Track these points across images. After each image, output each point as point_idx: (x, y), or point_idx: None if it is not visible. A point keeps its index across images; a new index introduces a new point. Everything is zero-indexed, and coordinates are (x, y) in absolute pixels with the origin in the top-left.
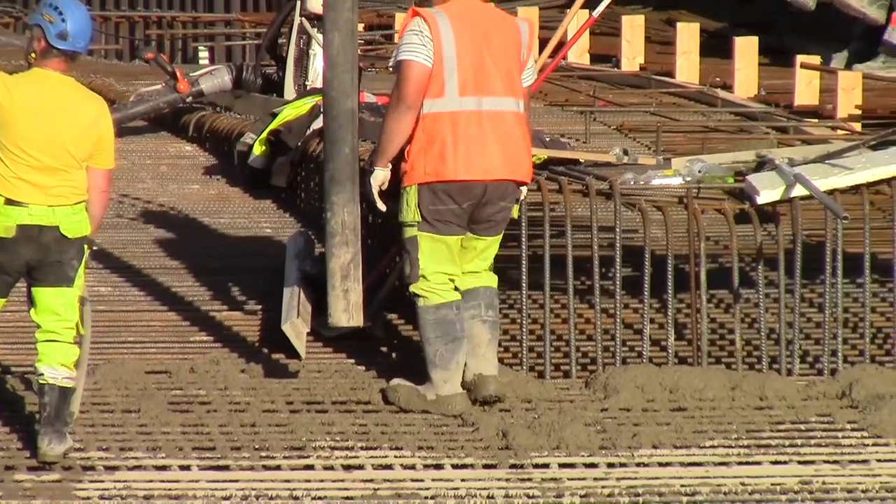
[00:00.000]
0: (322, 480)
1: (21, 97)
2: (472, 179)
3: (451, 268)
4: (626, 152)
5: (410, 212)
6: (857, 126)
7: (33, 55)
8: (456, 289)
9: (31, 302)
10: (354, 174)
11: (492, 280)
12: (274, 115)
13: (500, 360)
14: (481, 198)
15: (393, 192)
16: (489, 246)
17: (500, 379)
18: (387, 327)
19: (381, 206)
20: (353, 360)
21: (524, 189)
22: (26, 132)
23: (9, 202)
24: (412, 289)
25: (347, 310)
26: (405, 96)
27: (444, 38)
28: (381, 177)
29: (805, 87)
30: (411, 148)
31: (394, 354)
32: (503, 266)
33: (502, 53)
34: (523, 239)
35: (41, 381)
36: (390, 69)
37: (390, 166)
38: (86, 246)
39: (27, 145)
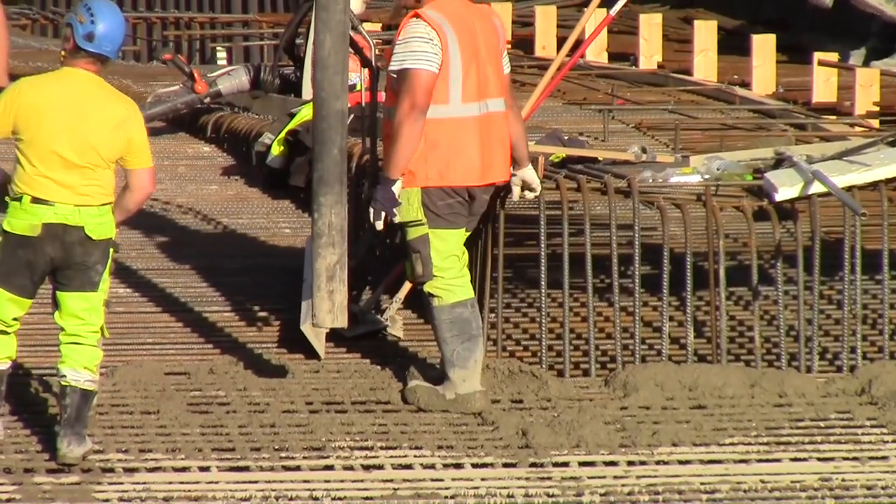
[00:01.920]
0: (342, 480)
1: (48, 94)
2: (477, 185)
3: (460, 263)
4: (644, 150)
5: (413, 211)
6: (875, 123)
7: (63, 54)
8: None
9: (55, 305)
10: (342, 175)
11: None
12: (292, 116)
13: (520, 359)
14: (478, 196)
15: None
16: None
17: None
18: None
19: (381, 226)
20: (371, 360)
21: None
22: (52, 129)
23: (35, 200)
24: (427, 289)
25: (332, 311)
26: (420, 104)
27: (451, 48)
28: (399, 189)
29: (823, 84)
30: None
31: (412, 354)
32: (522, 265)
33: (490, 54)
34: (542, 238)
35: (63, 383)
36: (392, 73)
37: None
38: (111, 249)
39: (53, 143)
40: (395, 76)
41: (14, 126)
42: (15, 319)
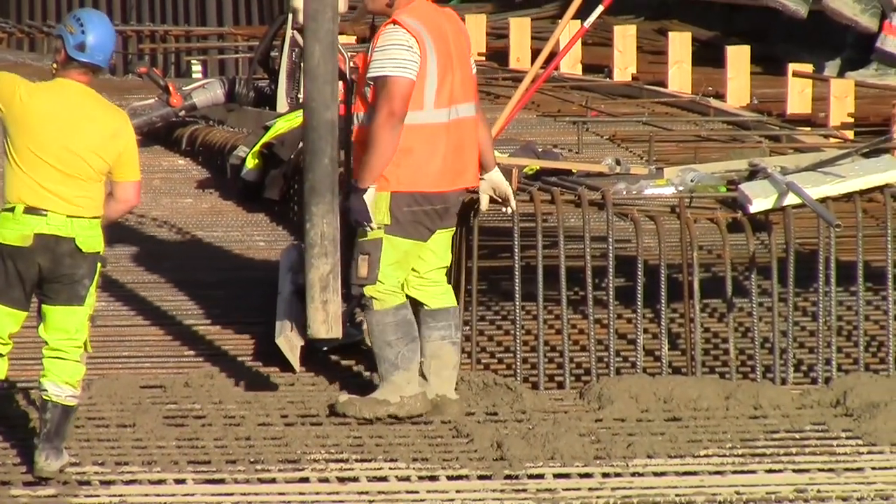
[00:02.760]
0: (317, 493)
1: (41, 104)
2: (448, 190)
3: (403, 273)
4: (618, 162)
5: (381, 215)
6: (850, 134)
7: (54, 66)
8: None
9: (39, 318)
10: (334, 185)
11: (453, 298)
12: (267, 128)
13: (494, 371)
14: (452, 201)
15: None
16: (445, 242)
17: (461, 403)
18: None
19: (375, 226)
20: (346, 373)
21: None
22: (46, 140)
23: (28, 210)
24: (368, 292)
25: (326, 321)
26: (398, 112)
27: (429, 55)
28: (373, 195)
29: (797, 95)
30: None
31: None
32: (497, 277)
33: (460, 59)
34: (516, 250)
35: (45, 398)
36: (370, 79)
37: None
38: (99, 264)
39: (46, 153)
40: (370, 83)
41: (5, 119)
42: (10, 337)
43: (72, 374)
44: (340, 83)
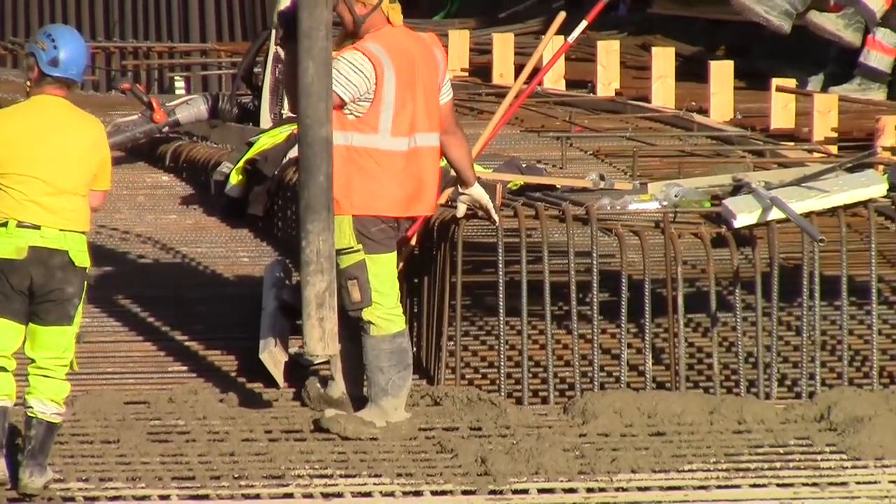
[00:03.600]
0: None
1: (23, 124)
2: (402, 217)
3: (396, 289)
4: (602, 177)
5: (346, 238)
6: (834, 149)
7: (28, 84)
8: None
9: (25, 336)
10: (329, 202)
11: None
12: (250, 145)
13: (478, 387)
14: (402, 226)
15: None
16: None
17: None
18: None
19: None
20: None
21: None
22: (36, 157)
23: (21, 225)
24: (366, 317)
25: (323, 338)
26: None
27: (388, 81)
28: None
29: (781, 110)
30: (336, 179)
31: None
32: (481, 292)
33: (427, 88)
34: (500, 265)
35: (29, 414)
36: None
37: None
38: (86, 282)
39: (37, 170)
40: None
41: None
42: (13, 353)
43: (57, 392)
44: None
